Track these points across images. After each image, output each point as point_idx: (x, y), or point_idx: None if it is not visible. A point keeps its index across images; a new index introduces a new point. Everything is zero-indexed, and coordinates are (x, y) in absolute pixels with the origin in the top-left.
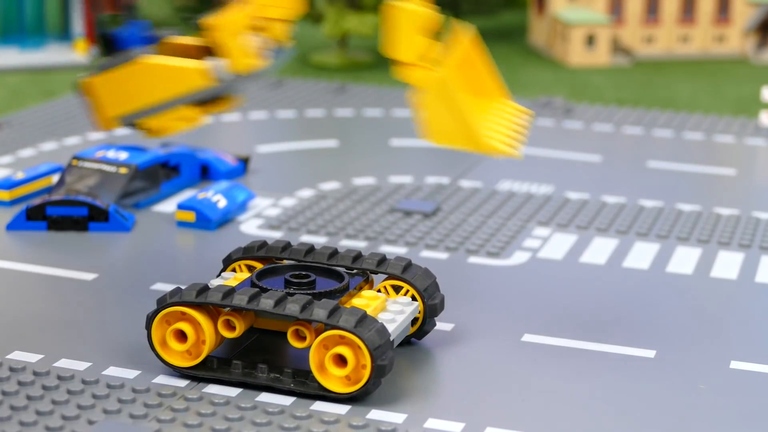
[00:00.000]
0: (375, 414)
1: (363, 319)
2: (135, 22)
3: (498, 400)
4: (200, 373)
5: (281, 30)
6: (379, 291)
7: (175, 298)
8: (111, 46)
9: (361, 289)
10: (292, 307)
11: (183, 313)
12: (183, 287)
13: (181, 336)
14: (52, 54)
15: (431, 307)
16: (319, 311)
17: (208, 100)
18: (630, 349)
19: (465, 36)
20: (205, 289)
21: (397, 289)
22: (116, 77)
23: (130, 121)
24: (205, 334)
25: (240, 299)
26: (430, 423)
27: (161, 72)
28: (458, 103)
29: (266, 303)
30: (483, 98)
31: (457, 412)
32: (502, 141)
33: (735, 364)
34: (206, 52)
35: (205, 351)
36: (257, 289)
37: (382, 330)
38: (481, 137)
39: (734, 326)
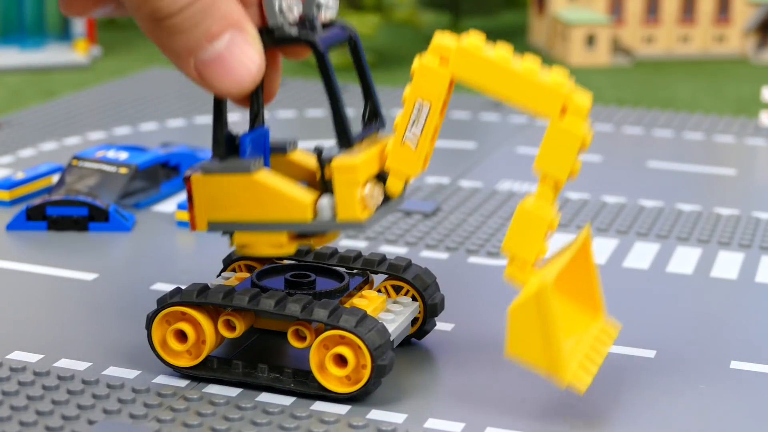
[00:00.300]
0: (375, 414)
1: (363, 319)
2: (261, 128)
3: (498, 400)
4: (200, 373)
5: (398, 185)
6: (379, 291)
7: (175, 298)
8: (231, 147)
9: (361, 289)
10: (293, 307)
11: (183, 313)
12: (183, 287)
13: (182, 336)
14: (52, 54)
15: (431, 306)
16: (320, 311)
17: (304, 233)
18: (630, 349)
19: (582, 239)
20: (206, 289)
21: (397, 289)
22: (224, 183)
23: (222, 229)
24: (206, 334)
25: (240, 299)
26: (430, 423)
27: (268, 194)
28: (552, 322)
29: (267, 303)
30: (578, 308)
31: (457, 412)
32: (577, 372)
33: (735, 364)
34: (323, 183)
35: (206, 351)
36: (257, 290)
37: (383, 330)
38: (566, 371)
39: (734, 326)
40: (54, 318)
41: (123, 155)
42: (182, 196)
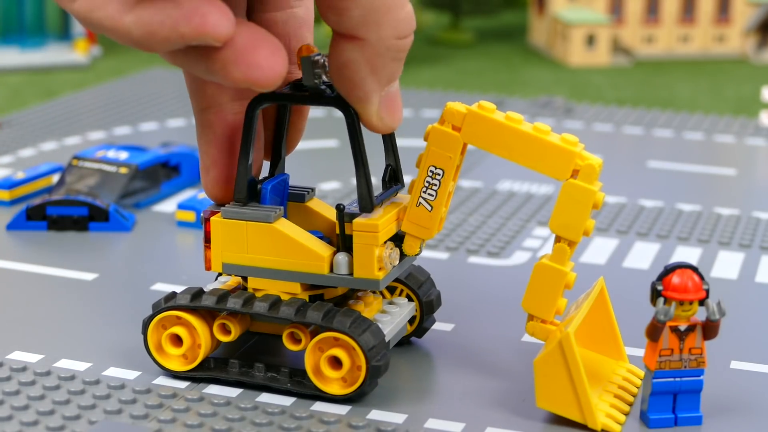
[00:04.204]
0: (375, 414)
1: (357, 321)
2: (281, 174)
3: (498, 400)
4: (197, 374)
5: (414, 247)
6: (373, 292)
7: (170, 303)
8: (252, 192)
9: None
10: (287, 310)
11: (178, 318)
12: (179, 291)
13: (177, 340)
14: (52, 54)
15: (427, 304)
16: (313, 313)
17: (316, 285)
18: (630, 349)
19: (597, 289)
20: (200, 293)
21: (391, 290)
22: (243, 229)
23: (237, 273)
24: (201, 338)
25: (234, 303)
26: (430, 423)
27: (287, 244)
28: (577, 369)
29: (260, 306)
30: (601, 356)
31: (457, 412)
32: (609, 416)
33: (735, 364)
34: (342, 238)
35: (201, 355)
36: (251, 293)
37: (377, 331)
38: (596, 417)
39: (734, 326)
40: (54, 318)
41: (123, 155)
42: (182, 196)
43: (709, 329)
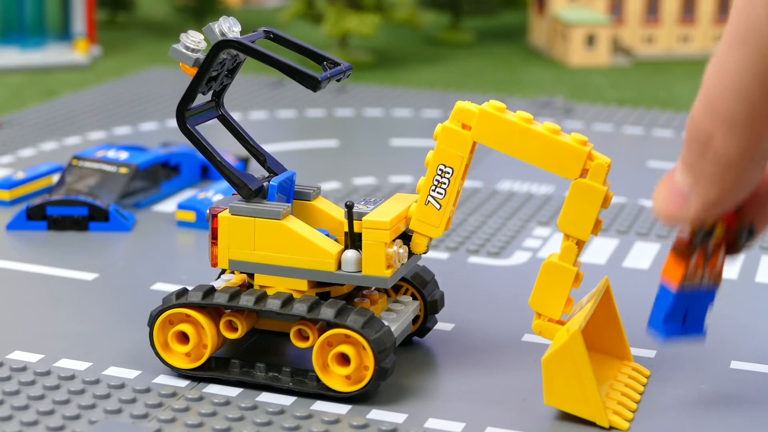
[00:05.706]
0: (375, 414)
1: (370, 321)
2: (288, 172)
3: (498, 400)
4: (198, 373)
5: (422, 245)
6: (378, 290)
7: (181, 300)
8: (258, 189)
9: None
10: (300, 307)
11: (187, 315)
12: (189, 288)
13: (183, 337)
14: (52, 54)
15: (431, 304)
16: (327, 310)
17: (323, 282)
18: (631, 349)
19: (602, 289)
20: (212, 291)
21: (396, 289)
22: (251, 225)
23: (243, 269)
24: (208, 337)
25: (247, 300)
26: (430, 423)
27: (295, 241)
28: (586, 367)
29: (273, 303)
30: (607, 354)
31: (457, 412)
32: (616, 413)
33: (735, 364)
34: (351, 236)
35: (206, 355)
36: (263, 291)
37: (389, 333)
38: (604, 415)
39: (734, 326)
40: (54, 318)
41: (123, 155)
42: (182, 196)
43: (733, 245)
